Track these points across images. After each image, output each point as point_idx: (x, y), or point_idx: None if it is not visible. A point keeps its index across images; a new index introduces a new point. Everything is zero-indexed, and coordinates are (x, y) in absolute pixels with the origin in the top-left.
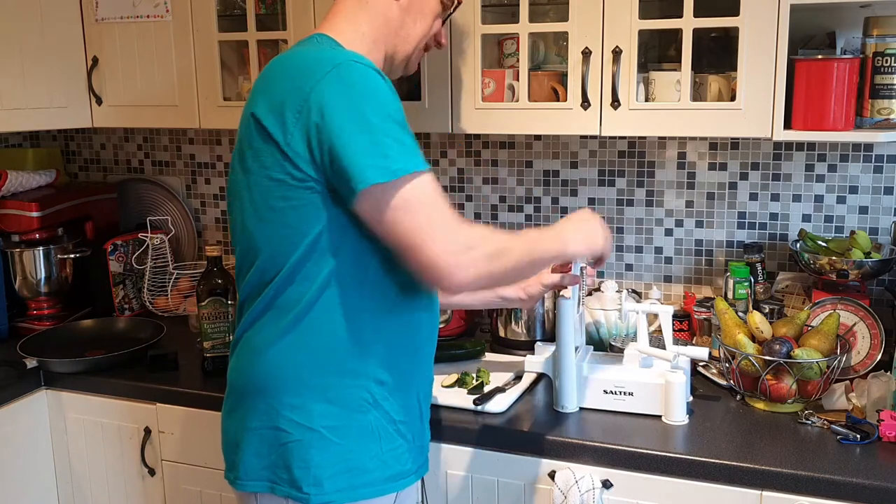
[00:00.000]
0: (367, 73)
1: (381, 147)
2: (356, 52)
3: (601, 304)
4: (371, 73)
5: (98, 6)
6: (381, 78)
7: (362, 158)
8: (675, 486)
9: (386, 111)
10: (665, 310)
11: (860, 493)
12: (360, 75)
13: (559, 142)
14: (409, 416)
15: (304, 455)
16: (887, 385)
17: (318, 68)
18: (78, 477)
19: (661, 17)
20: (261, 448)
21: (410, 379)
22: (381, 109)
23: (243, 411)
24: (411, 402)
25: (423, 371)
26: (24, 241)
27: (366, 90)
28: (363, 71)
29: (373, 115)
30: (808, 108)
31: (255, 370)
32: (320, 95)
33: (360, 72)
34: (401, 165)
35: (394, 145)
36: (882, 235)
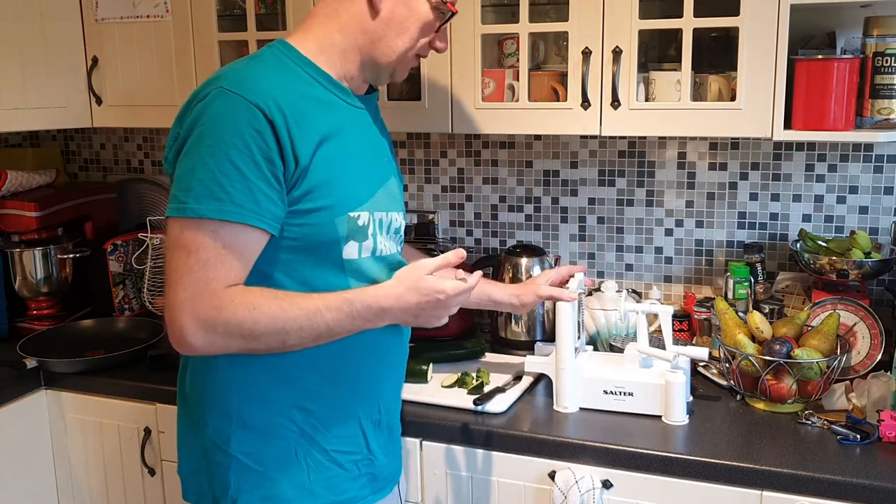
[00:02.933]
0: (225, 105)
1: (191, 182)
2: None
3: (601, 304)
4: (233, 106)
5: (98, 6)
6: (247, 112)
7: (177, 188)
8: (675, 486)
9: (224, 149)
10: (665, 310)
11: (860, 493)
12: (217, 106)
13: (559, 142)
14: (349, 445)
15: (224, 477)
16: (887, 385)
17: (200, 91)
18: (78, 477)
19: (661, 17)
20: (191, 463)
21: (347, 407)
22: (218, 146)
23: (181, 422)
24: (351, 431)
25: (368, 397)
26: (23, 241)
27: (212, 122)
28: (225, 102)
29: (206, 149)
30: (808, 108)
31: (188, 389)
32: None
33: (221, 102)
34: (196, 206)
35: (205, 185)
36: (882, 235)
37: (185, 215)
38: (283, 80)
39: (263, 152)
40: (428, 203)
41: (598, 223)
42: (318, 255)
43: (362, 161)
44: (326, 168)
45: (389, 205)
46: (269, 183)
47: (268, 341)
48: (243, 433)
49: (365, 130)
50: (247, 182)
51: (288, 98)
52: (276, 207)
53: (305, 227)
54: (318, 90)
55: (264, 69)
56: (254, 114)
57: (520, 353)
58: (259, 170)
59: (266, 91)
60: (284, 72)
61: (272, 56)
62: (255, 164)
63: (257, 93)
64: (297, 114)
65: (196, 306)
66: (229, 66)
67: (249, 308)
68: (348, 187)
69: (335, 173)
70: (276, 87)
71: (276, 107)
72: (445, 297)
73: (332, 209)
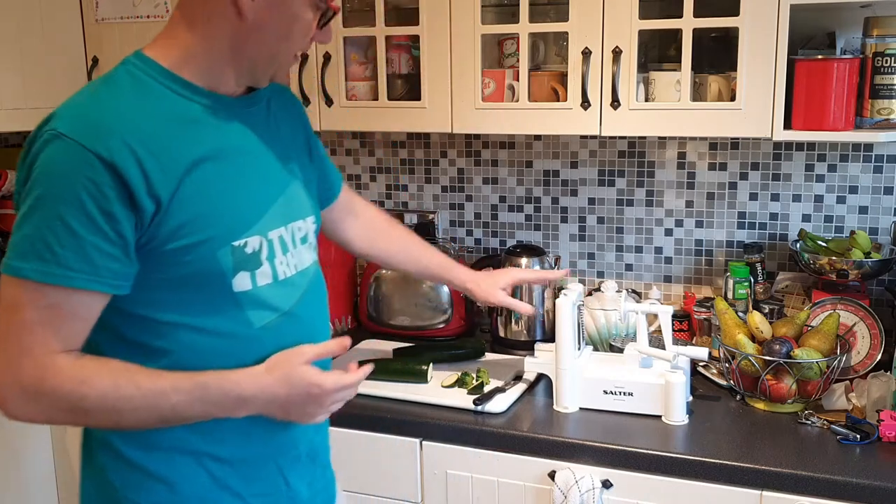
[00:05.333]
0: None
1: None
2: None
3: (601, 304)
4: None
5: (98, 6)
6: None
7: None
8: (675, 486)
9: (53, 204)
10: (665, 310)
11: (860, 493)
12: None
13: (559, 142)
14: (266, 486)
15: None
16: (887, 385)
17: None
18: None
19: (661, 17)
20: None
21: (260, 447)
22: (49, 201)
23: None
24: (267, 472)
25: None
26: None
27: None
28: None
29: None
30: (808, 108)
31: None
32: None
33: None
34: (17, 265)
35: (29, 243)
36: (882, 235)
37: (8, 273)
38: (137, 107)
39: (100, 205)
40: (428, 203)
41: (598, 223)
42: (207, 292)
43: (247, 178)
44: (198, 198)
45: (289, 215)
46: (108, 238)
47: (98, 418)
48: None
49: (250, 140)
50: (77, 241)
51: (143, 129)
52: (117, 264)
53: (184, 265)
54: (185, 106)
55: (112, 97)
56: (90, 162)
57: (520, 352)
58: (94, 225)
59: (110, 129)
60: (140, 94)
61: (125, 75)
62: (88, 219)
63: (97, 135)
64: (154, 146)
65: (16, 372)
66: (73, 97)
67: (77, 382)
68: (229, 214)
69: (210, 201)
70: (126, 120)
71: (124, 146)
72: (321, 391)
73: (210, 242)
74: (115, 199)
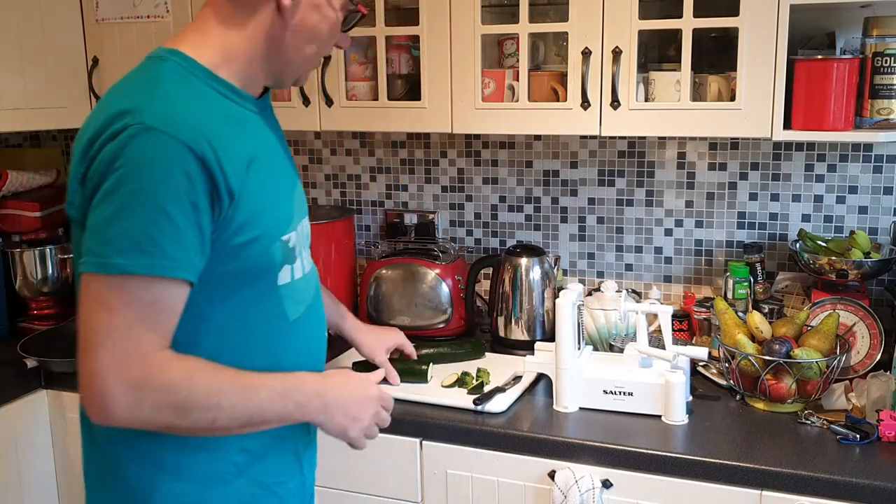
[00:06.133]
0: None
1: (114, 234)
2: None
3: (601, 304)
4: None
5: (98, 6)
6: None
7: (93, 240)
8: (675, 486)
9: (153, 196)
10: (665, 310)
11: (860, 493)
12: (138, 148)
13: (559, 142)
14: (285, 474)
15: None
16: (887, 385)
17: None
18: (78, 477)
19: (661, 17)
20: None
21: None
22: (147, 194)
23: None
24: (288, 460)
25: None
26: (24, 241)
27: (137, 166)
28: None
29: (130, 196)
30: (808, 108)
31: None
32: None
33: (143, 143)
34: (121, 262)
35: (131, 238)
36: (882, 235)
37: (106, 272)
38: (203, 106)
39: (191, 197)
40: (428, 203)
41: (598, 223)
42: (255, 286)
43: (279, 175)
44: (256, 194)
45: (301, 213)
46: (195, 231)
47: (197, 417)
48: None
49: (271, 139)
50: (178, 232)
51: (213, 127)
52: (199, 258)
53: (241, 259)
54: (231, 108)
55: (183, 96)
56: (183, 154)
57: (520, 352)
58: (187, 217)
59: (193, 124)
60: (198, 94)
61: (176, 74)
62: (184, 211)
63: (185, 128)
64: (223, 142)
65: (123, 372)
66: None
67: (184, 377)
68: (276, 210)
69: (264, 197)
70: (201, 117)
71: (206, 141)
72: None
73: (265, 237)
74: (202, 192)
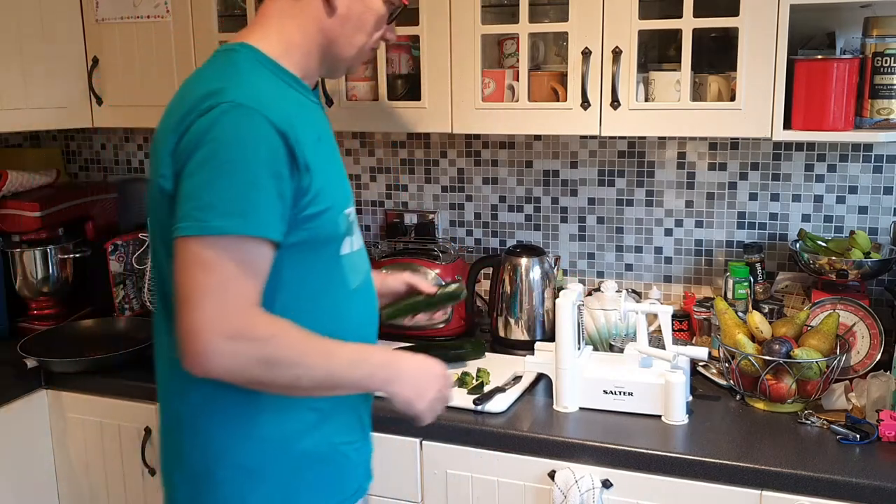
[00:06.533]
0: (241, 122)
1: (212, 199)
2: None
3: (601, 304)
4: (248, 122)
5: (98, 6)
6: (262, 126)
7: (191, 205)
8: (675, 486)
9: (245, 165)
10: (665, 310)
11: (860, 493)
12: (233, 123)
13: (559, 142)
14: (351, 434)
15: (238, 494)
16: (887, 385)
17: (198, 105)
18: (78, 477)
19: (661, 17)
20: (193, 491)
21: (348, 398)
22: (239, 162)
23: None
24: (352, 421)
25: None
26: (24, 241)
27: (230, 139)
28: (240, 118)
29: (223, 166)
30: (808, 108)
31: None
32: (192, 133)
33: (236, 119)
34: (218, 223)
35: (228, 201)
36: (882, 235)
37: (206, 233)
38: (277, 89)
39: (276, 167)
40: (428, 203)
41: (598, 223)
42: (321, 255)
43: (337, 157)
44: (324, 170)
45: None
46: (279, 198)
47: (282, 374)
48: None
49: (328, 126)
50: (267, 196)
51: (287, 107)
52: (283, 223)
53: (311, 229)
54: (295, 94)
55: (259, 80)
56: (268, 128)
57: (520, 352)
58: (273, 185)
59: (273, 104)
60: (269, 79)
61: (248, 62)
62: (270, 179)
63: (268, 106)
64: (298, 121)
65: (223, 324)
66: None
67: (275, 333)
68: (340, 185)
69: (330, 173)
70: (277, 98)
71: (286, 118)
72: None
73: (333, 208)
74: (284, 164)
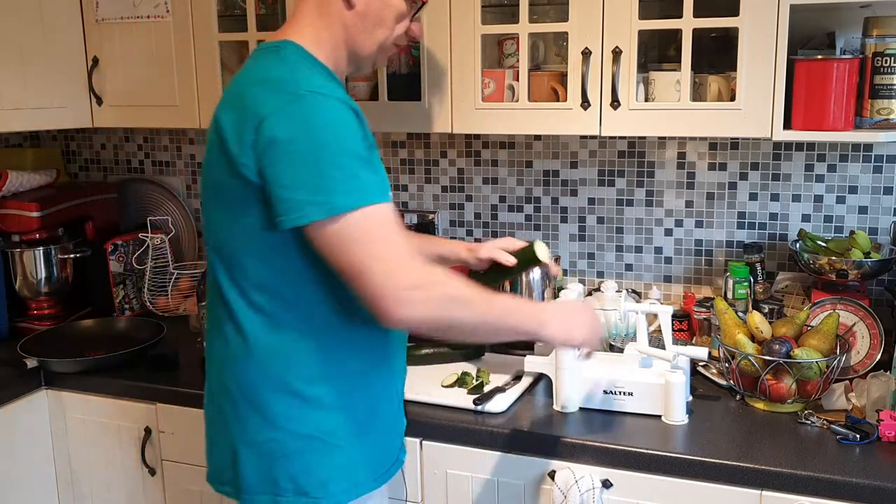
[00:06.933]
0: (328, 107)
1: (326, 182)
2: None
3: (601, 304)
4: (330, 106)
5: (98, 6)
6: (342, 109)
7: (303, 194)
8: (675, 486)
9: (342, 145)
10: (664, 310)
11: (860, 493)
12: (320, 109)
13: (559, 142)
14: (391, 407)
15: (308, 462)
16: (887, 385)
17: (278, 94)
18: (78, 477)
19: (661, 17)
20: (261, 463)
21: (392, 373)
22: (337, 144)
23: (235, 420)
24: (392, 395)
25: (401, 365)
26: (24, 241)
27: (322, 124)
28: (324, 104)
29: (325, 151)
30: (808, 108)
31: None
32: (275, 124)
33: (321, 105)
34: (343, 201)
35: (342, 181)
36: (882, 235)
37: (335, 213)
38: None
39: (363, 143)
40: (428, 203)
41: (598, 223)
42: None
43: None
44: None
45: None
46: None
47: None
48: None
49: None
50: (367, 167)
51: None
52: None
53: None
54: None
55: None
56: (347, 110)
57: (520, 352)
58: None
59: (336, 89)
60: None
61: (296, 56)
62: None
63: (335, 91)
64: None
65: (402, 279)
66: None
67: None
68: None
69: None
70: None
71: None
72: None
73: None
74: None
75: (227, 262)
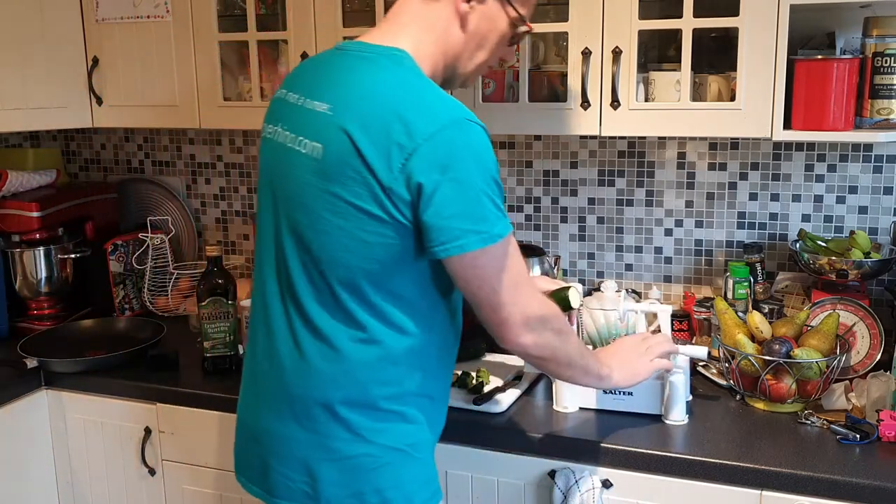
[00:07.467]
0: (480, 135)
1: (483, 211)
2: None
3: (601, 304)
4: (481, 135)
5: (98, 6)
6: (485, 135)
7: (465, 223)
8: (675, 486)
9: (491, 174)
10: (664, 309)
11: (860, 493)
12: (474, 137)
13: (559, 142)
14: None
15: (395, 475)
16: (887, 385)
17: (433, 117)
18: (78, 477)
19: (661, 17)
20: (344, 477)
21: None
22: (488, 173)
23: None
24: (444, 410)
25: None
26: (24, 241)
27: (477, 153)
28: (476, 132)
29: (481, 180)
30: (808, 108)
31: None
32: (435, 149)
33: (475, 133)
34: (498, 231)
35: (493, 210)
36: (882, 235)
37: (493, 242)
38: None
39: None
40: None
41: (598, 223)
42: None
43: None
44: None
45: None
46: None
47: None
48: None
49: None
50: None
51: None
52: None
53: None
54: None
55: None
56: (488, 137)
57: None
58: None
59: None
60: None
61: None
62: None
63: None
64: None
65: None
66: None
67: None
68: None
69: None
70: None
71: None
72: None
73: None
74: None
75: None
